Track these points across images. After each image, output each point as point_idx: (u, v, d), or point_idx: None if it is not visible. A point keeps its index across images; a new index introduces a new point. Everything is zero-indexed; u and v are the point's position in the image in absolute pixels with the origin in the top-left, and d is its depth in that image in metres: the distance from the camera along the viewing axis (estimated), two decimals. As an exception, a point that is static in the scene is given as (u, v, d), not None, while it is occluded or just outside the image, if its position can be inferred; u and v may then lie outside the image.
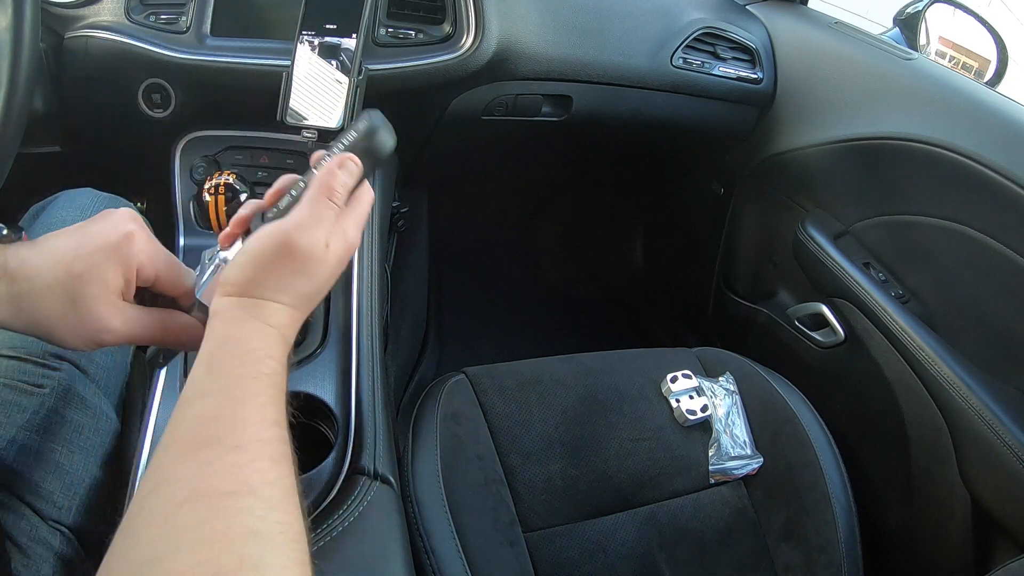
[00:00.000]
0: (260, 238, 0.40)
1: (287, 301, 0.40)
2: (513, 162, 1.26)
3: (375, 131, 0.43)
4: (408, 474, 0.66)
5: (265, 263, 0.39)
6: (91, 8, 0.72)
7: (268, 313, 0.39)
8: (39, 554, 0.47)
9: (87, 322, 0.40)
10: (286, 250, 0.39)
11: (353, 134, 0.44)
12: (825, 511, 0.74)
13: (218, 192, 0.60)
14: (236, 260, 0.40)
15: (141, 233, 0.42)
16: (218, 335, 0.38)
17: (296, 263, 0.39)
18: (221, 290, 0.40)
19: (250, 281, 0.39)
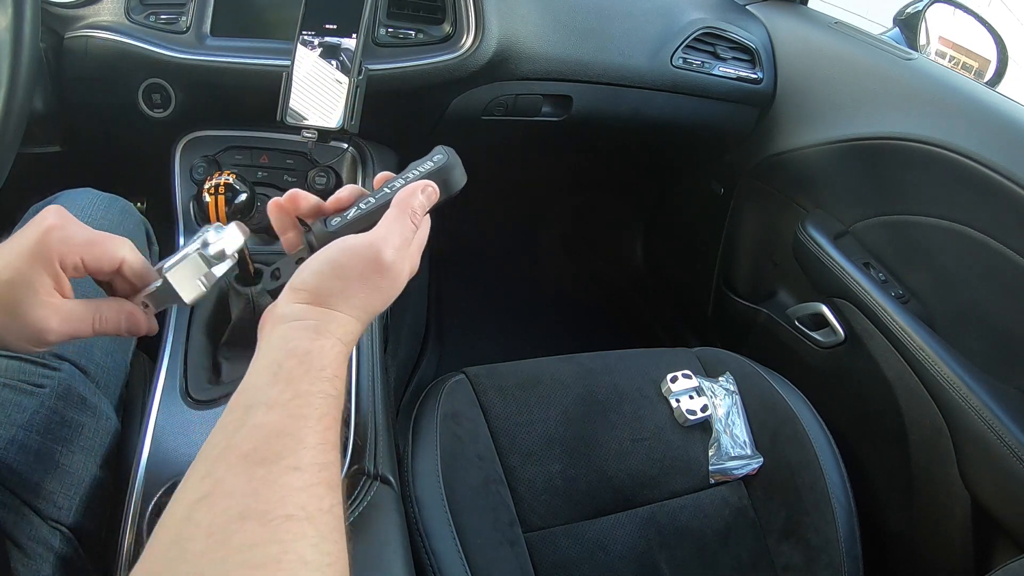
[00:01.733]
0: (344, 248, 0.39)
1: (357, 315, 0.39)
2: (513, 162, 1.26)
3: (452, 167, 0.45)
4: (408, 474, 0.66)
5: (347, 272, 0.39)
6: (91, 8, 0.72)
7: (338, 325, 0.38)
8: (39, 554, 0.47)
9: (26, 327, 0.39)
10: (375, 265, 0.39)
11: (429, 164, 0.45)
12: (825, 511, 0.74)
13: (218, 192, 0.60)
14: (313, 267, 0.39)
15: (58, 224, 0.40)
16: (287, 344, 0.36)
17: (377, 278, 0.40)
18: (293, 295, 0.39)
19: (327, 290, 0.39)
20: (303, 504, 0.31)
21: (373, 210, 0.43)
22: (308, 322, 0.37)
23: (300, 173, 0.75)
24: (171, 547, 0.29)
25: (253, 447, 0.32)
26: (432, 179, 0.44)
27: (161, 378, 0.58)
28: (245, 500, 0.30)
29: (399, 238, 0.40)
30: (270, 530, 0.29)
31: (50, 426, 0.51)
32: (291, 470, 0.31)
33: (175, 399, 0.56)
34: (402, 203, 0.42)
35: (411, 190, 0.43)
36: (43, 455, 0.50)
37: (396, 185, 0.44)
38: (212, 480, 0.31)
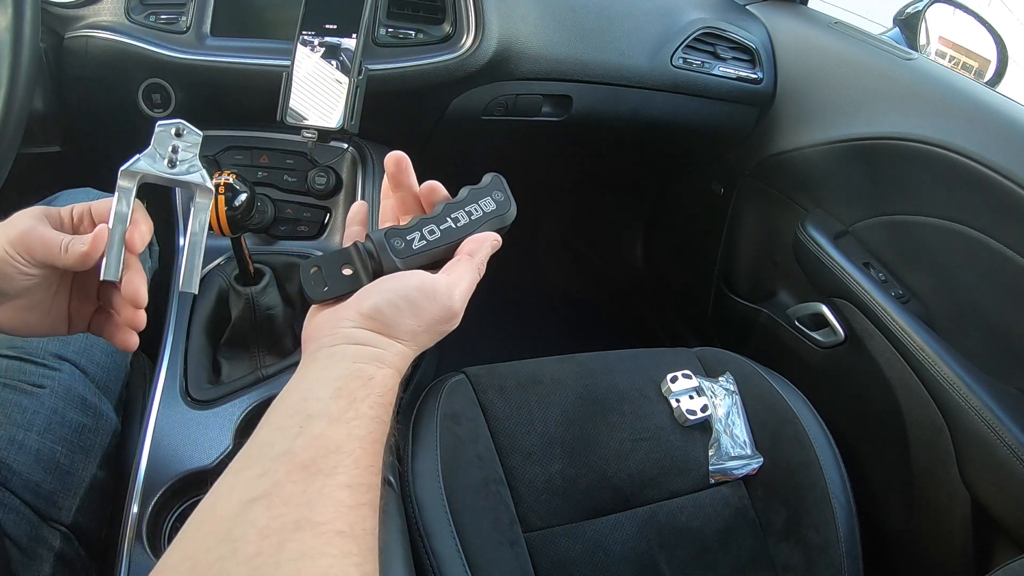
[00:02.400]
0: (423, 289, 0.40)
1: (414, 348, 0.41)
2: (513, 162, 1.26)
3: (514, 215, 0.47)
4: (408, 474, 0.66)
5: (423, 314, 0.40)
6: (91, 8, 0.72)
7: (399, 356, 0.39)
8: (39, 554, 0.47)
9: None
10: (446, 310, 0.40)
11: (492, 205, 0.46)
12: (825, 511, 0.74)
13: (218, 192, 0.60)
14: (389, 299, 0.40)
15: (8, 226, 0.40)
16: (353, 363, 0.37)
17: (445, 322, 0.41)
18: (363, 320, 0.39)
19: (399, 325, 0.39)
20: (352, 522, 0.31)
21: (440, 248, 0.44)
22: (375, 350, 0.38)
23: (300, 173, 0.75)
24: (222, 543, 0.28)
25: (312, 457, 0.32)
26: (495, 223, 0.46)
27: (161, 378, 0.58)
28: (301, 509, 0.30)
29: (468, 286, 0.42)
30: (323, 543, 0.29)
31: (50, 426, 0.51)
32: (344, 487, 0.32)
33: (175, 399, 0.56)
34: (475, 252, 0.43)
35: (482, 240, 0.44)
36: (43, 455, 0.50)
37: (460, 219, 0.45)
38: (269, 481, 0.31)
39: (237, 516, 0.29)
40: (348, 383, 0.36)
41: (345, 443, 0.33)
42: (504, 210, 0.46)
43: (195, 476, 0.52)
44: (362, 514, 0.32)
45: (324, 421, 0.34)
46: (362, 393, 0.36)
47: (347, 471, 0.32)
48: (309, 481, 0.31)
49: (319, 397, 0.35)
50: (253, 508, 0.30)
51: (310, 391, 0.35)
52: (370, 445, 0.35)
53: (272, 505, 0.30)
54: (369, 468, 0.34)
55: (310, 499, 0.30)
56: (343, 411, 0.35)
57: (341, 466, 0.32)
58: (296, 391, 0.36)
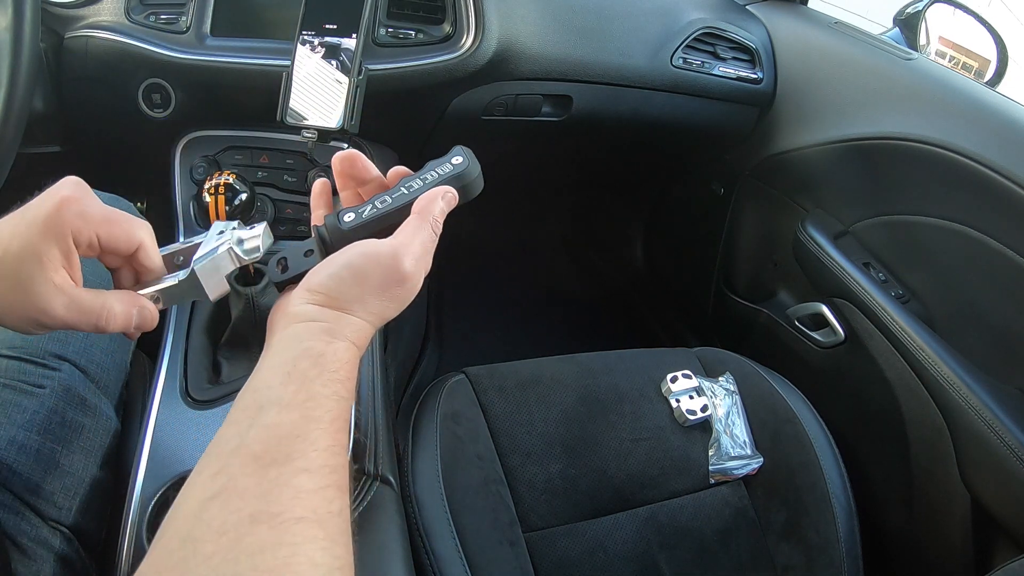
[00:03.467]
0: (366, 254, 0.39)
1: (370, 320, 0.39)
2: (513, 162, 1.26)
3: (472, 172, 0.44)
4: (408, 474, 0.66)
5: (367, 280, 0.39)
6: (91, 8, 0.72)
7: (352, 329, 0.38)
8: (39, 554, 0.47)
9: (27, 305, 0.36)
10: (395, 275, 0.39)
11: (449, 167, 0.44)
12: (825, 511, 0.74)
13: (218, 192, 0.60)
14: (332, 270, 0.39)
15: (75, 196, 0.37)
16: (301, 344, 0.36)
17: (395, 288, 0.39)
18: (308, 296, 0.38)
19: (344, 295, 0.38)
20: (314, 507, 0.31)
21: (390, 212, 0.42)
22: (322, 324, 0.37)
23: (300, 173, 0.75)
24: (182, 546, 0.29)
25: (265, 448, 0.32)
26: (451, 184, 0.43)
27: (161, 378, 0.58)
28: (256, 502, 0.30)
29: (420, 247, 0.40)
30: (280, 533, 0.29)
31: (50, 426, 0.51)
32: (302, 472, 0.31)
33: (175, 399, 0.56)
34: (423, 210, 0.41)
35: (432, 197, 0.42)
36: (43, 455, 0.50)
37: (414, 186, 0.43)
38: (224, 478, 0.31)
39: (196, 516, 0.29)
40: (297, 364, 0.35)
41: (300, 427, 0.33)
42: (461, 169, 0.44)
43: (195, 476, 0.52)
44: (326, 496, 0.31)
45: (276, 408, 0.33)
46: (313, 372, 0.35)
47: (304, 455, 0.32)
48: (263, 472, 0.31)
49: (270, 385, 0.34)
50: (210, 507, 0.30)
51: (262, 380, 0.35)
52: (328, 424, 0.34)
53: (228, 501, 0.30)
54: (330, 449, 0.33)
55: (266, 490, 0.30)
56: (295, 395, 0.34)
57: (297, 451, 0.32)
58: (251, 383, 0.35)
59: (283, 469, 0.31)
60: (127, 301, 0.40)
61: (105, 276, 0.42)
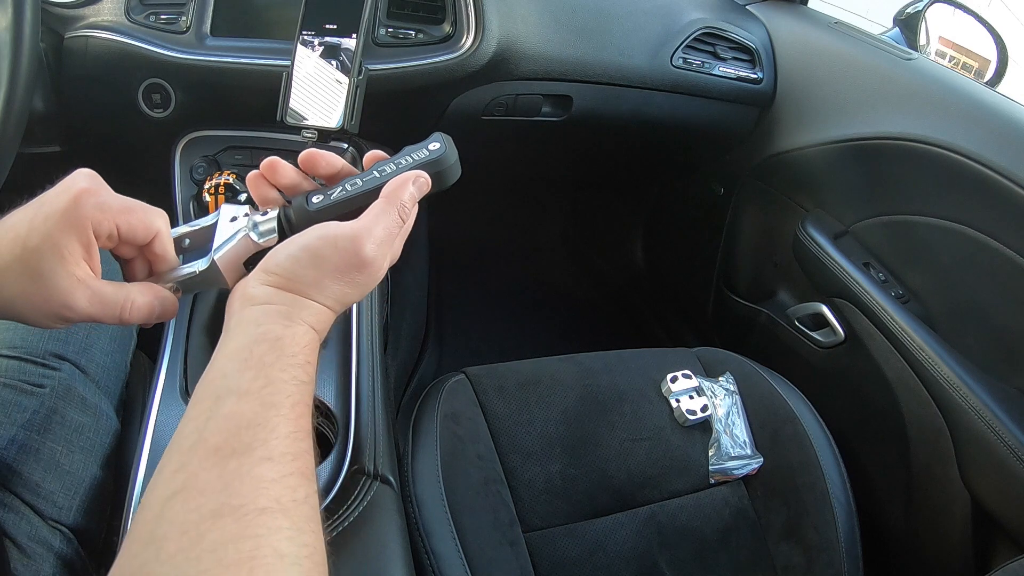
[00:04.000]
0: (325, 236, 0.37)
1: (329, 304, 0.38)
2: (513, 162, 1.26)
3: (448, 159, 0.42)
4: (408, 474, 0.66)
5: (324, 263, 0.37)
6: (91, 8, 0.72)
7: (310, 313, 0.37)
8: (39, 554, 0.47)
9: (50, 299, 0.36)
10: (354, 260, 0.37)
11: (425, 152, 0.42)
12: (825, 511, 0.74)
13: (218, 192, 0.60)
14: (290, 251, 0.37)
15: (92, 189, 0.38)
16: (257, 328, 0.35)
17: (355, 273, 0.38)
18: (264, 277, 0.37)
19: (301, 277, 0.37)
20: (277, 496, 0.30)
21: (359, 195, 0.41)
22: (279, 307, 0.36)
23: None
24: (146, 546, 0.28)
25: (224, 439, 0.31)
26: (425, 169, 0.41)
27: (161, 378, 0.58)
28: (218, 496, 0.29)
29: (383, 232, 0.38)
30: (243, 525, 0.28)
31: (50, 426, 0.51)
32: (263, 461, 0.31)
33: (175, 399, 0.56)
34: (391, 195, 0.39)
35: (402, 181, 0.40)
36: (43, 455, 0.50)
37: (387, 170, 0.41)
38: (185, 474, 0.30)
39: (158, 516, 0.29)
40: (254, 350, 0.34)
41: (259, 415, 0.32)
42: (437, 155, 0.42)
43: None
44: (290, 484, 0.31)
45: (233, 397, 0.32)
46: (270, 357, 0.34)
47: (265, 444, 0.31)
48: (223, 464, 0.30)
49: (227, 373, 0.33)
50: (172, 504, 0.29)
51: (219, 368, 0.34)
52: (289, 410, 0.33)
53: (188, 497, 0.29)
54: (291, 436, 0.32)
55: (227, 483, 0.29)
56: (252, 381, 0.33)
57: (257, 440, 0.31)
58: (209, 372, 0.34)
59: (243, 460, 0.30)
60: (148, 292, 0.40)
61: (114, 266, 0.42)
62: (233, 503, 0.29)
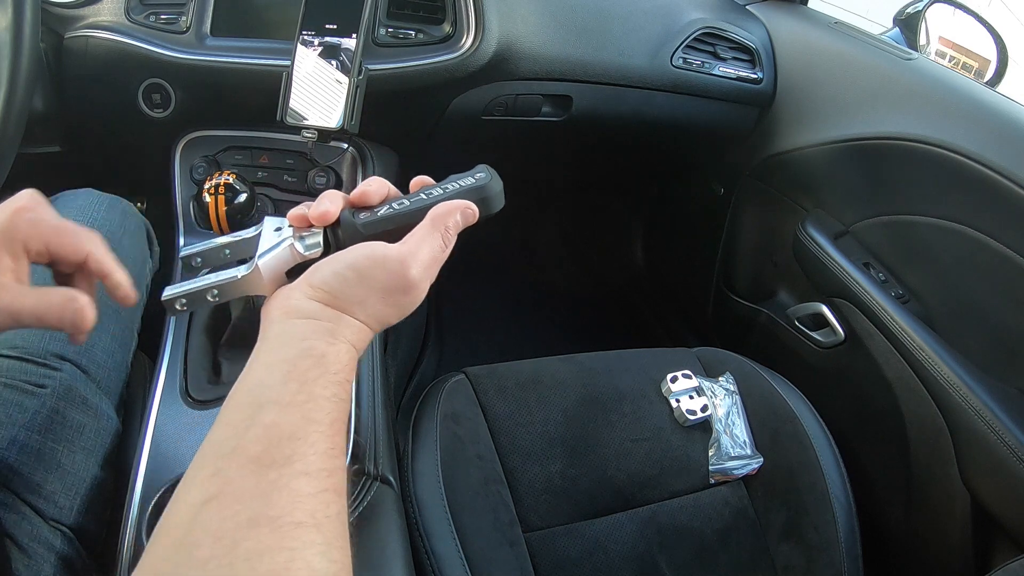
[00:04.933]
0: (372, 257, 0.38)
1: (371, 323, 0.39)
2: (513, 162, 1.26)
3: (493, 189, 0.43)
4: (408, 474, 0.66)
5: (371, 283, 0.38)
6: (91, 8, 0.72)
7: (353, 331, 0.38)
8: (40, 554, 0.47)
9: None
10: (400, 282, 0.38)
11: (471, 180, 0.43)
12: (825, 511, 0.74)
13: (218, 192, 0.60)
14: (336, 268, 0.38)
15: (28, 206, 0.39)
16: (302, 342, 0.36)
17: (399, 295, 0.39)
18: (310, 291, 0.38)
19: (347, 295, 0.38)
20: (312, 511, 0.30)
21: (405, 214, 0.41)
22: (324, 323, 0.37)
23: (300, 173, 0.75)
24: (177, 550, 0.28)
25: (264, 449, 0.31)
26: (471, 196, 0.42)
27: (161, 378, 0.58)
28: (254, 505, 0.29)
29: (429, 255, 0.39)
30: (279, 537, 0.28)
31: (51, 426, 0.51)
32: (301, 475, 0.31)
33: (175, 399, 0.56)
34: (438, 219, 0.40)
35: (451, 208, 0.41)
36: (44, 455, 0.50)
37: (434, 194, 0.42)
38: (221, 480, 0.30)
39: (191, 520, 0.29)
40: (298, 364, 0.34)
41: (299, 429, 0.32)
42: (482, 183, 0.43)
43: (195, 476, 0.52)
44: (324, 500, 0.31)
45: (275, 408, 0.33)
46: (314, 373, 0.34)
47: (304, 458, 0.31)
48: (262, 474, 0.30)
49: (269, 383, 0.34)
50: (206, 510, 0.29)
51: (260, 377, 0.34)
52: (328, 427, 0.33)
53: (224, 504, 0.29)
54: (328, 452, 0.33)
55: (264, 492, 0.30)
56: (294, 394, 0.33)
57: (296, 454, 0.31)
58: (247, 378, 0.35)
59: (282, 471, 0.30)
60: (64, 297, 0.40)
61: None
62: (270, 514, 0.29)
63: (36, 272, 0.41)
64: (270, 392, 0.33)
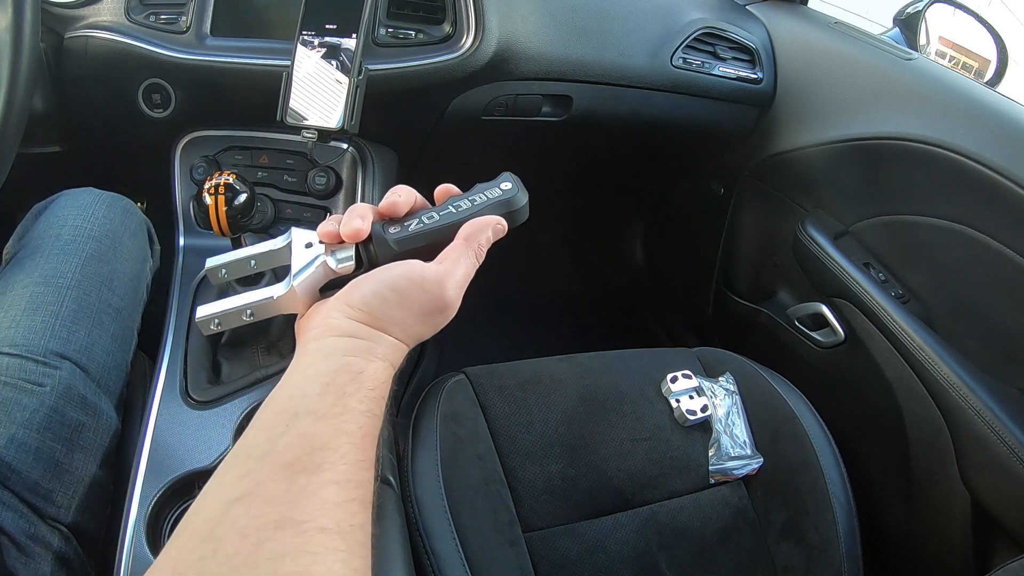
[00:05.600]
0: (411, 278, 0.39)
1: (407, 340, 0.40)
2: (513, 162, 1.26)
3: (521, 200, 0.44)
4: (408, 474, 0.66)
5: (411, 304, 0.39)
6: (91, 8, 0.72)
7: (390, 349, 0.38)
8: (37, 553, 0.47)
9: None
10: (438, 303, 0.39)
11: (498, 192, 0.43)
12: (825, 511, 0.74)
13: (218, 192, 0.60)
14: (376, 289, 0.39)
15: None
16: (341, 357, 0.36)
17: (437, 312, 0.40)
18: (349, 311, 0.38)
19: (387, 316, 0.38)
20: (337, 519, 0.31)
21: (437, 229, 0.42)
22: (363, 342, 0.38)
23: (300, 173, 0.75)
24: (204, 543, 0.29)
25: (296, 456, 0.32)
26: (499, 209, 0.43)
27: (161, 378, 0.58)
28: (282, 508, 0.30)
29: (464, 275, 0.40)
30: (303, 541, 0.29)
31: (50, 425, 0.51)
32: (330, 484, 0.32)
33: (175, 399, 0.56)
34: (472, 237, 0.41)
35: (482, 225, 0.41)
36: (43, 454, 0.50)
37: (462, 206, 0.43)
38: (252, 481, 0.31)
39: (219, 517, 0.30)
40: (336, 378, 0.35)
41: (332, 440, 0.33)
42: (510, 195, 0.43)
43: (195, 476, 0.52)
44: (350, 510, 0.32)
45: (311, 419, 0.34)
46: (351, 388, 0.35)
47: (334, 468, 0.32)
48: (292, 479, 0.31)
49: (306, 394, 0.35)
50: (235, 508, 0.30)
51: (298, 388, 0.35)
52: (360, 440, 0.34)
53: (253, 505, 0.30)
54: (358, 464, 0.34)
55: (293, 497, 0.30)
56: (331, 407, 0.34)
57: (327, 463, 0.32)
58: (285, 388, 0.36)
59: (312, 479, 0.31)
60: None
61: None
62: (297, 518, 0.30)
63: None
64: (307, 402, 0.34)
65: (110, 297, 0.61)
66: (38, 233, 0.62)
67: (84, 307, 0.58)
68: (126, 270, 0.64)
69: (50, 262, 0.59)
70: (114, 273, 0.62)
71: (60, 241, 0.61)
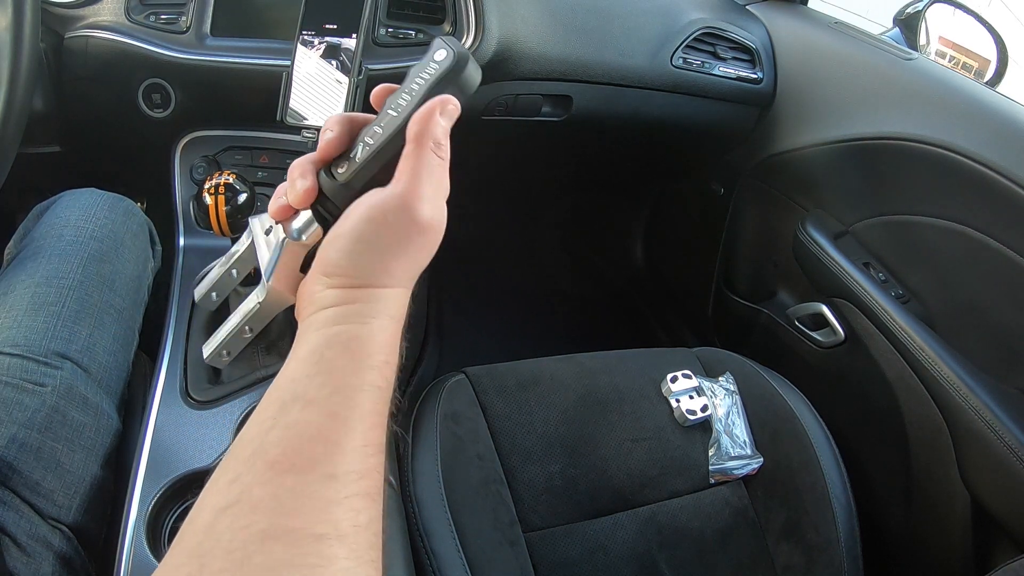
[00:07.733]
0: (372, 218, 0.33)
1: (403, 283, 0.34)
2: (513, 162, 1.26)
3: (464, 65, 0.36)
4: (408, 474, 0.66)
5: (382, 245, 0.33)
6: (91, 8, 0.72)
7: (387, 302, 0.33)
8: (38, 552, 0.47)
9: None
10: (412, 227, 0.33)
11: (433, 67, 0.36)
12: (825, 511, 0.74)
13: (218, 192, 0.60)
14: (342, 245, 0.33)
15: None
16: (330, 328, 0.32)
17: (416, 239, 0.34)
18: (326, 280, 0.34)
19: (364, 269, 0.33)
20: (336, 520, 0.27)
21: (386, 143, 0.35)
22: (351, 306, 0.33)
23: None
24: (190, 559, 0.26)
25: (282, 452, 0.28)
26: (444, 88, 0.35)
27: (161, 378, 0.58)
28: (270, 516, 0.26)
29: (431, 184, 0.34)
30: (293, 553, 0.26)
31: (51, 425, 0.51)
32: (326, 479, 0.28)
33: (175, 399, 0.56)
34: (421, 136, 0.34)
35: (427, 115, 0.34)
36: (44, 453, 0.50)
37: (402, 104, 0.36)
38: (239, 487, 0.28)
39: (207, 529, 0.27)
40: (325, 353, 0.31)
41: (324, 427, 0.29)
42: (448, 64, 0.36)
43: (195, 476, 0.52)
44: (353, 507, 0.28)
45: (298, 405, 0.30)
46: (342, 361, 0.31)
47: (329, 460, 0.28)
48: (280, 481, 0.27)
49: (295, 377, 0.31)
50: (222, 519, 0.27)
51: (287, 371, 0.32)
52: (358, 423, 0.30)
53: (239, 514, 0.27)
54: (360, 450, 0.29)
55: (282, 502, 0.27)
56: (319, 388, 0.30)
57: (320, 455, 0.28)
58: (280, 376, 0.32)
59: (303, 477, 0.28)
60: None
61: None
62: (286, 525, 0.26)
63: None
64: (296, 387, 0.31)
65: (111, 297, 0.61)
66: (40, 234, 0.62)
67: (86, 307, 0.58)
68: (128, 271, 0.64)
69: (52, 262, 0.59)
70: (116, 274, 0.62)
71: (62, 242, 0.61)
